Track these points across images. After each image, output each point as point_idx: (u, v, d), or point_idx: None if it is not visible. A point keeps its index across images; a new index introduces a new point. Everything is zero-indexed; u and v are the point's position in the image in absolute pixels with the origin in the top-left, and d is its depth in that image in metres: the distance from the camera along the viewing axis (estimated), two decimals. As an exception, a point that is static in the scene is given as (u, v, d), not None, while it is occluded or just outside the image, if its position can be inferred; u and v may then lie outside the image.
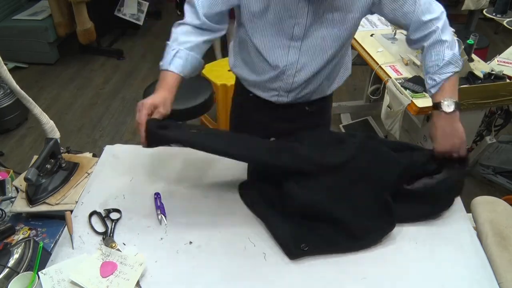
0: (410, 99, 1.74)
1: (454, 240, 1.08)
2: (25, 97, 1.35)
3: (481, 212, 1.18)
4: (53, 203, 1.17)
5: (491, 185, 2.45)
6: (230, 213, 1.17)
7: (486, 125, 2.14)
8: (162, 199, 1.20)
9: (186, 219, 1.14)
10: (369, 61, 2.10)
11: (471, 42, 1.87)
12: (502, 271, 0.99)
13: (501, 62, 1.99)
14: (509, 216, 1.16)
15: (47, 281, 0.96)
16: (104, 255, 1.02)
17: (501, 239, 1.07)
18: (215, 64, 2.78)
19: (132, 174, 1.29)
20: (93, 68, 3.82)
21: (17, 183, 1.24)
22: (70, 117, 3.17)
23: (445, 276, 0.99)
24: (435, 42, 1.11)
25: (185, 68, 1.14)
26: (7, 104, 2.90)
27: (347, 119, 3.00)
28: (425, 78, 1.15)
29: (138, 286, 0.97)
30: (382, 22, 2.40)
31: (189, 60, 1.15)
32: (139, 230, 1.11)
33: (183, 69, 1.14)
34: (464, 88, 1.66)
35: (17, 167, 1.47)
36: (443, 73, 1.09)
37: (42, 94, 3.43)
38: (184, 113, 2.01)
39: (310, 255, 1.03)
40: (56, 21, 3.57)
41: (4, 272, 0.96)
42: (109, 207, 1.17)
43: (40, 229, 1.16)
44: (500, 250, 1.04)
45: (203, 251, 1.06)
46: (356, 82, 3.47)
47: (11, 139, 2.95)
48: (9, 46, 3.66)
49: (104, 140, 2.91)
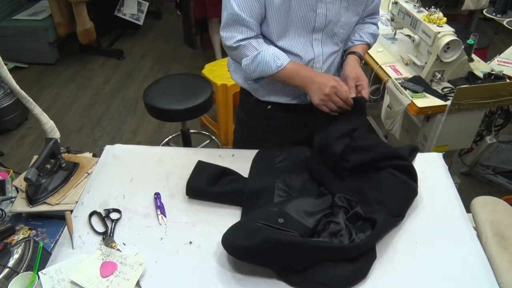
0: (410, 99, 1.74)
1: (454, 240, 1.08)
2: (25, 97, 1.35)
3: (481, 212, 1.18)
4: (53, 203, 1.18)
5: (491, 185, 2.45)
6: (230, 213, 1.17)
7: (486, 125, 2.14)
8: (162, 199, 1.20)
9: (186, 219, 1.14)
10: (369, 61, 2.10)
11: (471, 42, 1.87)
12: (502, 271, 0.99)
13: (501, 62, 1.99)
14: (509, 216, 1.16)
15: (47, 281, 0.96)
16: (104, 255, 1.02)
17: (501, 239, 1.07)
18: (215, 64, 2.78)
19: (132, 174, 1.29)
20: (93, 68, 3.82)
21: (17, 183, 1.24)
22: (70, 117, 3.17)
23: (445, 276, 0.99)
24: (375, 22, 1.37)
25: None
26: (7, 104, 2.90)
27: (347, 119, 2.99)
28: (353, 30, 1.32)
29: (138, 286, 0.97)
30: (382, 22, 2.40)
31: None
32: (139, 230, 1.11)
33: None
34: (464, 88, 1.66)
35: (17, 167, 1.47)
36: (370, 37, 1.35)
37: (42, 94, 3.43)
38: (184, 113, 2.01)
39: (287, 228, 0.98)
40: (56, 21, 3.57)
41: (4, 272, 0.96)
42: (109, 207, 1.17)
43: (40, 229, 1.16)
44: (500, 250, 1.04)
45: (203, 251, 1.06)
46: (356, 82, 3.46)
47: (11, 139, 2.95)
48: (9, 46, 3.66)
49: (104, 140, 2.91)
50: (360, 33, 1.34)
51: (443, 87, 1.80)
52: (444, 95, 1.76)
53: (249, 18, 1.13)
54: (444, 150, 1.87)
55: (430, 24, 1.75)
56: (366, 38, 1.34)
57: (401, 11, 1.97)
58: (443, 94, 1.76)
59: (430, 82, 1.82)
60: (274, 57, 1.16)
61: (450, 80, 1.84)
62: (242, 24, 1.15)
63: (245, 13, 1.13)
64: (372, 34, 1.36)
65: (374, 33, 1.36)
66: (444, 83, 1.83)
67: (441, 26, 1.73)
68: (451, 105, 1.70)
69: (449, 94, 1.76)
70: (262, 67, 1.17)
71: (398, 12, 2.00)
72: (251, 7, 1.12)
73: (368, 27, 1.36)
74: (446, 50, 1.73)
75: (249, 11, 1.13)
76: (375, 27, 1.37)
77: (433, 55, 1.76)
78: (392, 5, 2.05)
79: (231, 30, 1.16)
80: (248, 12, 1.13)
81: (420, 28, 1.81)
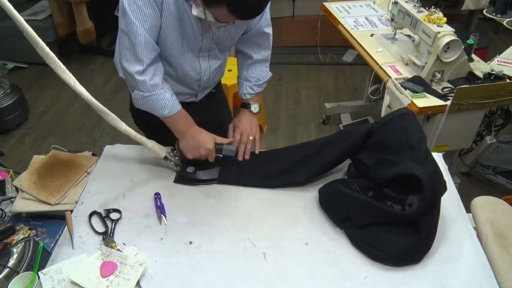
0: (410, 99, 1.74)
1: (454, 240, 1.08)
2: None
3: (481, 212, 1.18)
4: (53, 203, 1.18)
5: (491, 185, 2.45)
6: (230, 213, 1.17)
7: (486, 125, 2.14)
8: (162, 199, 1.20)
9: (186, 219, 1.15)
10: (369, 61, 2.10)
11: (471, 42, 1.87)
12: (502, 271, 0.99)
13: (501, 62, 1.98)
14: (509, 216, 1.16)
15: (47, 281, 0.96)
16: (104, 255, 1.02)
17: (501, 239, 1.07)
18: (215, 64, 2.77)
19: (132, 174, 1.29)
20: (93, 68, 3.82)
21: (17, 183, 1.24)
22: (70, 117, 3.17)
23: (445, 276, 0.99)
24: (264, 58, 1.37)
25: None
26: (7, 104, 2.90)
27: (347, 119, 3.00)
28: (244, 84, 1.38)
29: (138, 286, 0.97)
30: (382, 22, 2.39)
31: (171, 91, 1.21)
32: (139, 230, 1.11)
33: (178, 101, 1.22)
34: (464, 88, 1.66)
35: (17, 167, 1.47)
36: (262, 86, 1.40)
37: (42, 94, 3.43)
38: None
39: None
40: (56, 21, 3.56)
41: (4, 272, 0.96)
42: (109, 207, 1.17)
43: (40, 229, 1.16)
44: (500, 250, 1.04)
45: (203, 251, 1.06)
46: (356, 82, 3.48)
47: (11, 139, 2.95)
48: (9, 46, 3.65)
49: (104, 140, 2.91)
50: (248, 86, 1.38)
51: (443, 87, 1.80)
52: (444, 95, 1.76)
53: (146, 53, 1.11)
54: (444, 150, 1.87)
55: (430, 24, 1.75)
56: (257, 89, 1.39)
57: (401, 11, 1.97)
58: (443, 94, 1.76)
59: (430, 82, 1.82)
60: (163, 105, 1.17)
61: (450, 80, 1.84)
62: (141, 55, 1.12)
63: (144, 49, 1.11)
64: (259, 85, 1.39)
65: (261, 79, 1.38)
66: (444, 83, 1.83)
67: (441, 26, 1.73)
68: (451, 105, 1.70)
69: (449, 94, 1.76)
70: (150, 107, 1.19)
71: (398, 12, 2.00)
72: (147, 42, 1.10)
73: (256, 73, 1.37)
74: (446, 50, 1.73)
75: (145, 46, 1.10)
76: (262, 72, 1.38)
77: (433, 55, 1.76)
78: (392, 5, 2.05)
79: (131, 58, 1.13)
80: (145, 47, 1.11)
81: (420, 28, 1.81)
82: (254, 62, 1.37)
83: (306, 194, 1.22)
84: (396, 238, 1.03)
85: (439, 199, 1.05)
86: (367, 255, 1.04)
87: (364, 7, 2.60)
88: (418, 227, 1.02)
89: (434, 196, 1.03)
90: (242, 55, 1.39)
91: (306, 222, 1.14)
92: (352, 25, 2.38)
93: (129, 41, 1.10)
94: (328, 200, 1.16)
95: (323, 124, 3.01)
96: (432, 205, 1.03)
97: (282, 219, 1.15)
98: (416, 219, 1.02)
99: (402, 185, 1.07)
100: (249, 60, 1.37)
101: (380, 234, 1.05)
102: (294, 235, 1.10)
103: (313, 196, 1.21)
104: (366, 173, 1.17)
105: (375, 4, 2.64)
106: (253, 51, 1.36)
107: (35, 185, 1.22)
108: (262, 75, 1.38)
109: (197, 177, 1.27)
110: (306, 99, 3.32)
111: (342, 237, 1.10)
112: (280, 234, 1.11)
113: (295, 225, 1.13)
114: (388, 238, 1.04)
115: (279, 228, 1.13)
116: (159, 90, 1.16)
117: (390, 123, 1.18)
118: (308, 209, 1.18)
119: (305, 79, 3.55)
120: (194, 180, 1.26)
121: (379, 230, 1.05)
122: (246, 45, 1.36)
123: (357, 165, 1.24)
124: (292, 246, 1.08)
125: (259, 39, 1.34)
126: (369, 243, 1.05)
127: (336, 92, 3.38)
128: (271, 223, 1.14)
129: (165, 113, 1.18)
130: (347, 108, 3.02)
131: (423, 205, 1.00)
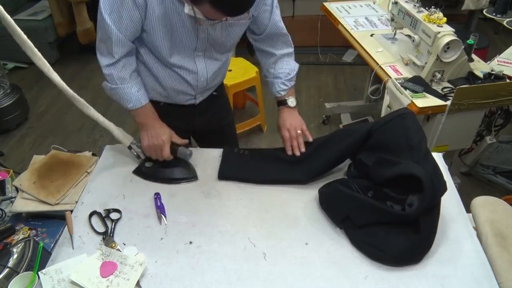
0: (410, 99, 1.74)
1: (454, 240, 1.08)
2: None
3: (481, 212, 1.18)
4: (53, 203, 1.18)
5: (491, 185, 2.45)
6: (230, 213, 1.17)
7: (486, 125, 2.14)
8: (162, 199, 1.20)
9: (186, 219, 1.15)
10: (369, 61, 2.10)
11: (471, 42, 1.87)
12: (502, 271, 0.99)
13: (501, 62, 1.98)
14: (509, 216, 1.16)
15: (47, 281, 0.96)
16: (104, 255, 1.02)
17: (501, 239, 1.07)
18: (215, 64, 2.77)
19: (132, 174, 1.29)
20: (93, 68, 3.82)
21: (17, 183, 1.24)
22: (70, 117, 3.17)
23: (445, 276, 0.99)
24: (288, 52, 1.37)
25: (146, 93, 1.26)
26: (7, 104, 2.90)
27: (347, 119, 3.00)
28: (275, 81, 1.38)
29: (138, 286, 0.97)
30: (382, 22, 2.39)
31: (142, 84, 1.26)
32: (139, 230, 1.11)
33: (146, 95, 1.26)
34: (464, 88, 1.66)
35: (17, 167, 1.47)
36: (293, 80, 1.39)
37: (42, 94, 3.43)
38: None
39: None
40: (56, 21, 3.57)
41: (4, 272, 0.96)
42: (109, 207, 1.17)
43: (40, 229, 1.17)
44: (500, 250, 1.04)
45: (203, 251, 1.06)
46: (356, 82, 3.48)
47: (11, 139, 2.95)
48: (9, 46, 3.63)
49: (104, 140, 2.90)
50: (280, 83, 1.37)
51: (443, 87, 1.80)
52: (444, 95, 1.76)
53: (117, 49, 1.14)
54: (444, 150, 1.87)
55: (430, 24, 1.75)
56: (289, 84, 1.38)
57: (401, 11, 1.97)
58: (443, 94, 1.76)
59: (430, 82, 1.82)
60: (128, 98, 1.21)
61: (450, 80, 1.84)
62: (112, 48, 1.14)
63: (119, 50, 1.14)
64: (290, 79, 1.37)
65: (290, 73, 1.37)
66: (444, 83, 1.83)
67: (441, 26, 1.73)
68: (451, 105, 1.70)
69: (449, 94, 1.76)
70: (116, 98, 1.24)
71: (398, 12, 2.00)
72: (119, 40, 1.12)
73: (284, 68, 1.37)
74: (446, 50, 1.73)
75: (117, 43, 1.13)
76: (290, 66, 1.37)
77: (433, 55, 1.76)
78: (392, 5, 2.05)
79: (104, 51, 1.17)
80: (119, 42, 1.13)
81: (420, 28, 1.81)
82: (279, 58, 1.37)
83: (306, 194, 1.22)
84: (396, 238, 1.03)
85: (439, 199, 1.05)
86: (367, 255, 1.04)
87: (364, 7, 2.61)
88: (418, 227, 1.02)
89: (434, 196, 1.03)
90: (264, 54, 1.39)
91: (306, 222, 1.14)
92: (352, 25, 2.38)
93: (102, 35, 1.14)
94: (328, 200, 1.17)
95: (323, 124, 3.02)
96: (432, 205, 1.03)
97: (282, 219, 1.15)
98: (416, 219, 1.02)
99: (402, 185, 1.07)
100: (272, 57, 1.37)
101: (380, 234, 1.05)
102: (294, 235, 1.10)
103: (313, 196, 1.21)
104: (366, 173, 1.17)
105: (375, 4, 2.64)
106: (275, 48, 1.35)
107: (35, 185, 1.22)
108: (291, 69, 1.37)
109: (154, 173, 1.28)
110: (306, 99, 3.32)
111: (342, 237, 1.10)
112: (280, 234, 1.11)
113: (295, 225, 1.13)
114: (388, 238, 1.04)
115: (279, 228, 1.13)
116: (125, 84, 1.20)
117: (390, 123, 1.18)
118: (308, 209, 1.18)
119: (305, 79, 3.55)
120: (149, 176, 1.28)
121: (379, 230, 1.06)
122: (265, 43, 1.35)
123: (357, 165, 1.24)
124: (292, 246, 1.08)
125: (278, 37, 1.33)
126: (369, 243, 1.05)
127: (336, 92, 3.38)
128: (271, 223, 1.14)
129: (129, 106, 1.22)
130: (347, 108, 3.03)
131: (423, 205, 1.00)
